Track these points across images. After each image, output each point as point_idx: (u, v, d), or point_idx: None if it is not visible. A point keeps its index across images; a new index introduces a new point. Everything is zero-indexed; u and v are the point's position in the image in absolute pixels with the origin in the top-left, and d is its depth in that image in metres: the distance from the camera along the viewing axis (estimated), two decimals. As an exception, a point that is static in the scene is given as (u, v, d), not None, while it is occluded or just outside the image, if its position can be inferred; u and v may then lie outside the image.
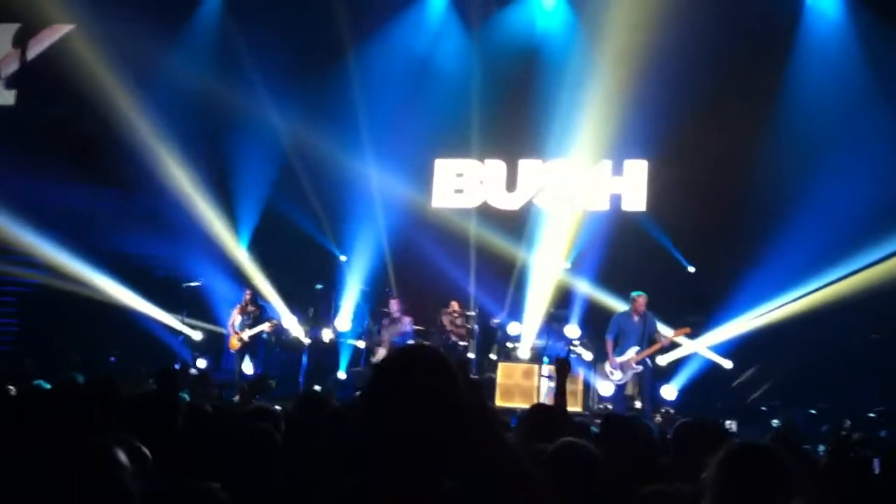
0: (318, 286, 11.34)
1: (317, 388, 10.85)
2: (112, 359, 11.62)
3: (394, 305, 11.95)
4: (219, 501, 2.75)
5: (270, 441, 3.66)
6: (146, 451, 3.03)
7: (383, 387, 1.92)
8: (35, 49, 14.69)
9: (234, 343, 11.68)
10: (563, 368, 5.19)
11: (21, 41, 14.71)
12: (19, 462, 1.87)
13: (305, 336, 12.01)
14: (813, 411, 10.26)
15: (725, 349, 11.30)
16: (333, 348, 11.83)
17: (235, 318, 11.72)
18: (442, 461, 1.88)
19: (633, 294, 10.62)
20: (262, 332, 11.62)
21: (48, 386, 6.13)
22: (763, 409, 10.88)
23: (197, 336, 12.19)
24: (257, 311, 11.76)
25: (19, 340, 13.23)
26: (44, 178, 12.84)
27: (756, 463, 2.52)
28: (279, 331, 12.24)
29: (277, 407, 5.55)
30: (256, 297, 11.99)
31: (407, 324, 11.78)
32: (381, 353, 11.52)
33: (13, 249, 13.07)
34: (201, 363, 11.71)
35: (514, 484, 2.08)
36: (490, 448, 2.10)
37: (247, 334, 11.54)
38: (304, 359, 11.21)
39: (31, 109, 14.36)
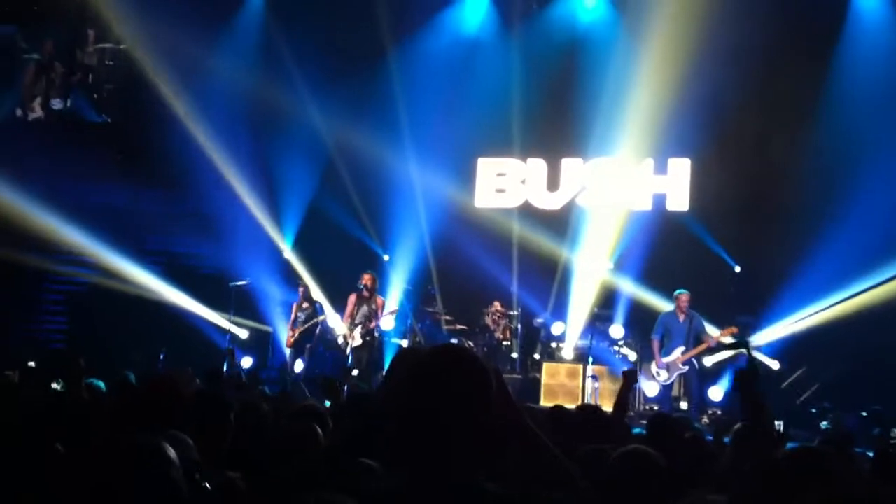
0: (361, 286, 11.38)
1: (355, 372, 10.89)
2: (161, 356, 11.78)
3: (366, 281, 11.35)
4: (237, 490, 2.80)
5: (314, 439, 3.68)
6: (193, 445, 3.07)
7: (418, 388, 1.92)
8: (81, 53, 15.02)
9: (288, 340, 11.84)
10: (630, 379, 5.22)
11: (69, 49, 15.05)
12: (78, 460, 1.96)
13: (349, 335, 12.07)
14: (864, 413, 10.07)
15: (773, 350, 11.15)
16: (378, 347, 11.86)
17: (293, 316, 11.92)
18: (481, 464, 1.89)
19: (676, 292, 10.52)
20: (309, 328, 11.74)
21: (101, 384, 6.28)
22: (812, 410, 10.70)
23: (244, 334, 12.32)
24: (311, 307, 11.88)
25: (69, 339, 13.49)
26: (92, 178, 13.10)
27: (806, 468, 2.48)
28: (324, 330, 12.32)
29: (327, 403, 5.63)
30: (308, 293, 12.07)
31: (380, 304, 11.37)
32: (356, 335, 11.17)
33: (63, 249, 13.34)
34: (247, 361, 11.83)
35: (555, 485, 2.08)
36: (530, 450, 2.10)
37: (299, 330, 11.72)
38: (350, 359, 11.26)
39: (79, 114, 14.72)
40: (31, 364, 7.74)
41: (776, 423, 9.03)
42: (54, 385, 6.64)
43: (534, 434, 2.14)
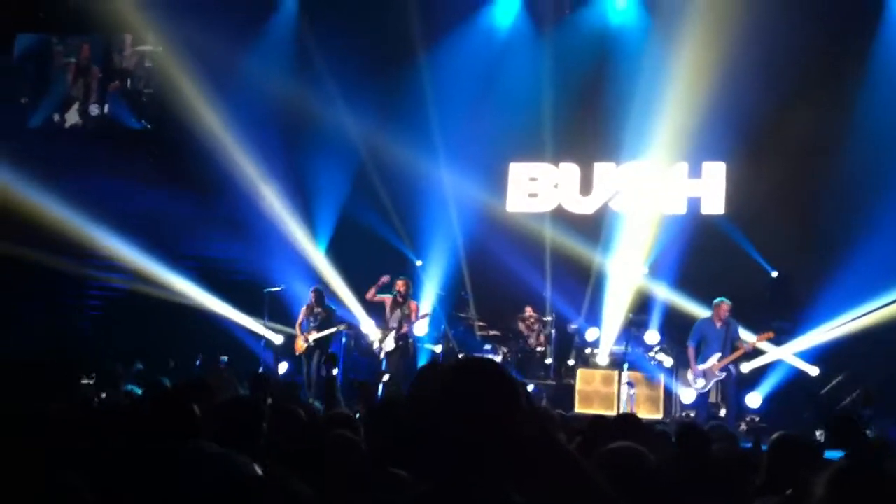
0: (395, 292, 11.39)
1: (386, 377, 10.84)
2: (198, 362, 11.87)
3: (400, 287, 11.37)
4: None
5: (354, 448, 3.67)
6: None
7: (446, 400, 1.93)
8: (119, 58, 15.22)
9: (300, 345, 11.47)
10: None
11: (106, 55, 15.26)
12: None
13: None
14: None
15: (812, 356, 10.98)
16: (412, 353, 11.85)
17: (301, 319, 11.57)
18: (510, 478, 1.89)
19: (717, 301, 10.39)
20: (331, 334, 11.47)
21: (139, 390, 6.33)
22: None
23: (278, 340, 12.36)
24: (324, 313, 11.52)
25: (106, 344, 13.64)
26: (128, 183, 13.26)
27: (868, 481, 2.41)
28: (357, 336, 12.31)
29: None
30: (324, 297, 11.76)
31: (414, 309, 11.34)
32: (389, 340, 11.18)
33: (99, 254, 13.52)
34: (282, 367, 11.86)
35: (584, 499, 2.06)
36: (556, 463, 2.08)
37: (313, 336, 11.36)
38: (384, 364, 11.25)
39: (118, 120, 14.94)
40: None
41: (817, 432, 8.89)
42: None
43: (562, 448, 2.12)
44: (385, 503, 2.01)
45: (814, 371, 10.92)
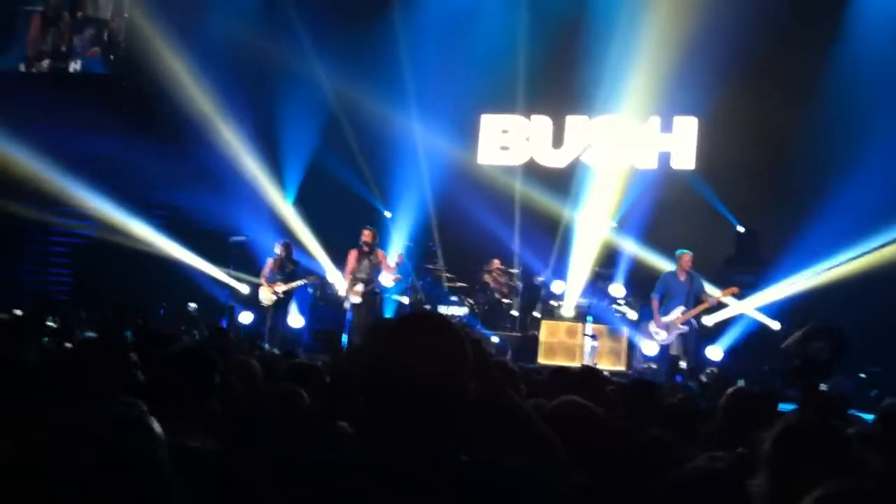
0: (361, 242, 11.33)
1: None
2: (161, 311, 11.82)
3: (366, 237, 11.08)
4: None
5: (298, 402, 3.63)
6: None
7: (390, 357, 1.86)
8: (95, 6, 14.81)
9: (268, 296, 11.24)
10: None
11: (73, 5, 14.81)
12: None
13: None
14: (862, 375, 10.06)
15: (774, 310, 11.11)
16: (378, 304, 11.85)
17: (267, 270, 11.33)
18: (454, 435, 1.84)
19: (679, 252, 10.46)
20: (296, 287, 11.36)
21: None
22: (811, 372, 10.67)
23: (244, 290, 12.31)
24: (292, 266, 11.37)
25: (73, 291, 13.56)
26: (96, 132, 13.03)
27: (815, 438, 2.42)
28: (324, 286, 12.28)
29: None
30: (292, 251, 11.63)
31: (382, 258, 11.14)
32: (355, 290, 10.97)
33: (66, 202, 13.34)
34: (247, 317, 11.82)
35: (534, 457, 2.05)
36: (507, 420, 2.06)
37: (281, 288, 11.22)
38: (349, 314, 11.23)
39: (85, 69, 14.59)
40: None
41: (739, 381, 8.97)
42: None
43: (515, 404, 2.11)
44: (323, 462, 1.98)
45: (775, 325, 11.05)
